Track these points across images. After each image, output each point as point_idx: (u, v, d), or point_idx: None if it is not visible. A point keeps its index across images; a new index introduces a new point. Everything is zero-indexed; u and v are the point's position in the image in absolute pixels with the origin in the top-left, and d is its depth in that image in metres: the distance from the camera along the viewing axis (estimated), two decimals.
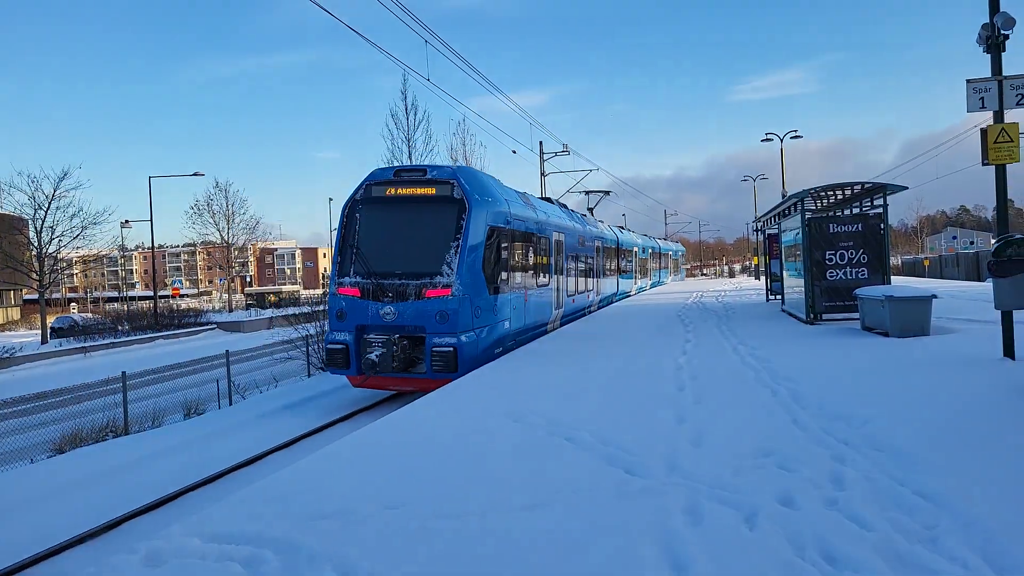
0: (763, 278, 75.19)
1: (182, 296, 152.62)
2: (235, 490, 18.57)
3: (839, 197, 36.12)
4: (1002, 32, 20.89)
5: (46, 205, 78.34)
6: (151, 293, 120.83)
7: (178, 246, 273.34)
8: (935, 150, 70.00)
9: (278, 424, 29.37)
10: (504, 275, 31.92)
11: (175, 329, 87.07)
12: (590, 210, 63.76)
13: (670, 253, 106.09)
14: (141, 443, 27.11)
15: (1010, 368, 20.11)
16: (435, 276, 28.88)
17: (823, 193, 35.30)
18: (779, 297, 44.67)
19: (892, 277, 44.99)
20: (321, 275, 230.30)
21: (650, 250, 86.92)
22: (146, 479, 22.81)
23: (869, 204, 35.57)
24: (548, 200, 45.05)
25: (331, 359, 29.84)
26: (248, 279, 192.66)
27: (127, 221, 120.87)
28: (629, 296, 67.22)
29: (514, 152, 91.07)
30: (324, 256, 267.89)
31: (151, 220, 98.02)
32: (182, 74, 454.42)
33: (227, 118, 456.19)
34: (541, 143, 76.49)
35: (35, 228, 78.79)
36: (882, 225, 32.89)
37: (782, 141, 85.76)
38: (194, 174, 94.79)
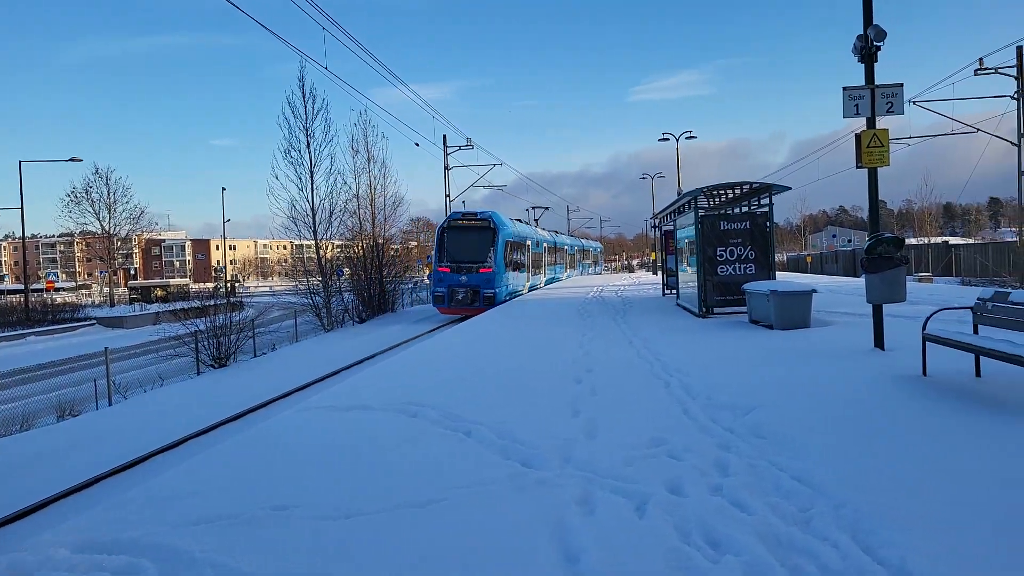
0: (660, 273, 77.81)
1: (57, 290, 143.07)
2: (113, 495, 16.46)
3: (729, 196, 36.55)
4: (874, 44, 21.49)
5: None
6: (22, 286, 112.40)
7: (53, 236, 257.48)
8: (818, 153, 72.47)
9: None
10: (510, 262, 63.91)
11: (49, 325, 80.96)
12: (535, 220, 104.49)
13: (591, 249, 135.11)
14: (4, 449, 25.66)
15: (880, 357, 20.82)
16: (484, 262, 60.10)
17: (715, 192, 35.75)
18: (675, 292, 44.85)
19: (777, 273, 48.08)
20: (214, 268, 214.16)
21: (576, 248, 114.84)
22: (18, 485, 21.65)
23: (757, 203, 35.99)
24: (521, 220, 77.18)
25: (437, 300, 60.57)
26: (132, 272, 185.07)
27: None
28: (560, 280, 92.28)
29: (417, 145, 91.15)
30: (217, 248, 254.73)
31: (21, 208, 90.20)
32: (63, 55, 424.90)
33: (113, 102, 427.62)
34: (445, 137, 76.85)
35: None
36: (768, 223, 33.40)
37: (678, 141, 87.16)
38: (71, 159, 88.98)
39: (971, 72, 54.19)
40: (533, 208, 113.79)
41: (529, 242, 73.69)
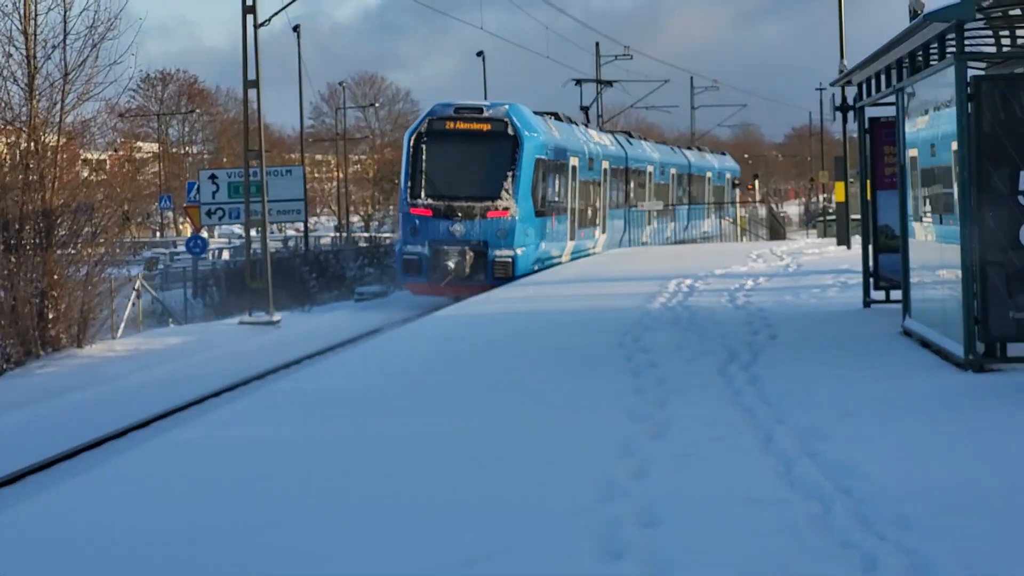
0: (857, 241, 34.45)
1: None
2: None
3: None
4: None
5: None
6: None
7: None
8: None
9: None
10: (544, 201, 41.92)
11: None
12: (585, 114, 65.90)
13: (711, 174, 77.62)
14: None
15: None
16: (497, 198, 39.18)
17: (1013, 11, 17.27)
18: (894, 296, 23.35)
19: None
20: None
21: (680, 171, 67.89)
22: None
23: None
24: (559, 116, 48.69)
25: (408, 268, 39.47)
26: None
27: None
28: (635, 243, 56.42)
29: None
30: None
31: None
32: None
33: None
34: None
35: None
36: None
37: None
38: None
39: None
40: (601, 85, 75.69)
41: (576, 160, 46.35)
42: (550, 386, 16.06)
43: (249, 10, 41.70)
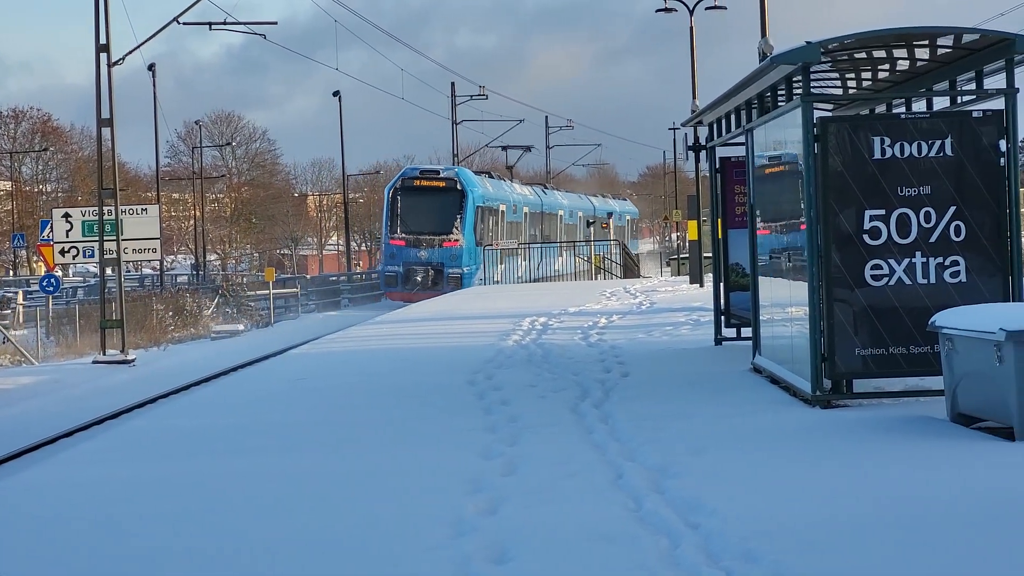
0: (709, 279, 30.72)
1: None
2: None
3: (897, 70, 18.47)
4: None
5: None
6: None
7: None
8: None
9: None
10: (483, 234, 58.51)
11: None
12: (508, 168, 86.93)
13: (615, 214, 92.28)
14: None
15: None
16: (449, 233, 55.42)
17: (859, 55, 17.60)
18: (745, 333, 23.48)
19: None
20: None
21: (585, 213, 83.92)
22: None
23: (973, 89, 17.45)
24: (491, 175, 68.15)
25: (388, 282, 56.84)
26: None
27: None
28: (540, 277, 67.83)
29: None
30: None
31: None
32: None
33: None
34: None
35: None
36: (1003, 144, 15.58)
37: None
38: None
39: None
40: (506, 148, 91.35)
41: (504, 207, 63.54)
42: (402, 425, 15.96)
43: (103, 48, 41.10)
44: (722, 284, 24.08)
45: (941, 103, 18.07)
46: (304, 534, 9.84)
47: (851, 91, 20.32)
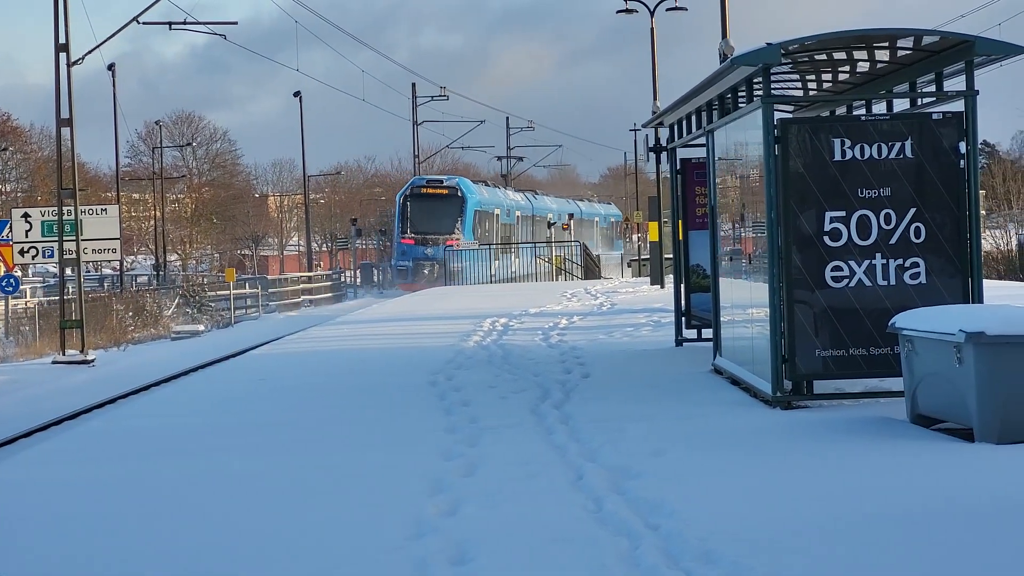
0: (670, 280, 29.70)
1: None
2: None
3: (857, 72, 18.58)
4: None
5: None
6: None
7: None
8: None
9: None
10: (481, 234, 66.54)
11: None
12: (504, 176, 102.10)
13: (599, 218, 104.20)
14: None
15: None
16: (451, 233, 63.26)
17: (819, 56, 17.69)
18: (706, 334, 23.37)
19: (985, 281, 21.30)
20: None
21: (576, 217, 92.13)
22: None
23: (933, 91, 17.36)
24: (488, 183, 79.31)
25: (400, 275, 64.21)
26: None
27: None
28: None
29: None
30: None
31: None
32: None
33: None
34: None
35: None
36: (964, 146, 15.52)
37: None
38: None
39: None
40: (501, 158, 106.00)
41: (498, 211, 72.09)
42: (362, 425, 15.93)
43: (62, 48, 40.83)
44: (683, 285, 24.12)
45: (902, 105, 18.12)
46: (262, 535, 9.81)
47: (812, 93, 20.36)
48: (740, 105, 17.92)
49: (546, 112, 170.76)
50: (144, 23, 46.93)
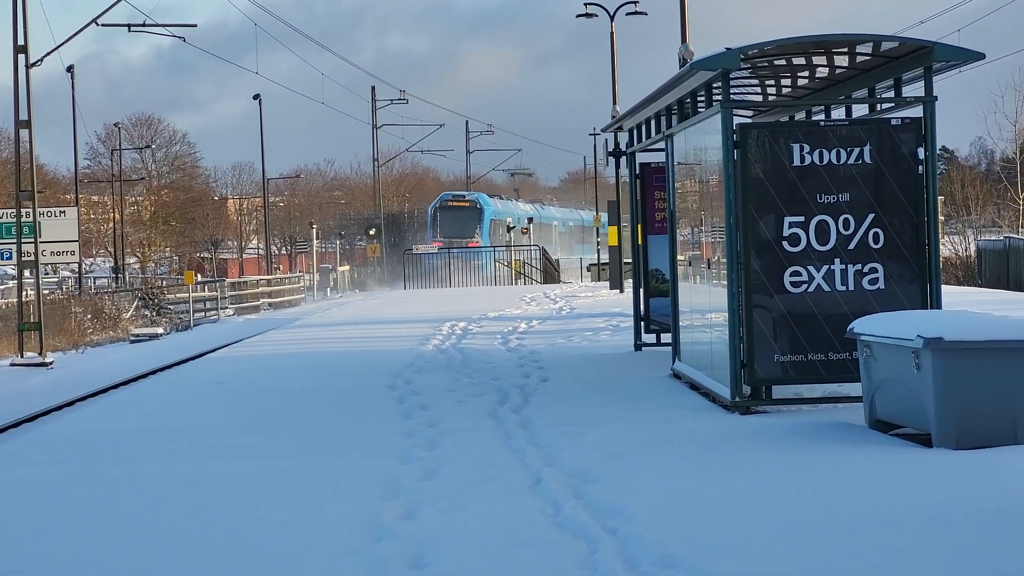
0: (630, 285, 30.27)
1: None
2: None
3: (816, 77, 18.44)
4: None
5: None
6: None
7: None
8: None
9: None
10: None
11: None
12: (515, 190, 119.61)
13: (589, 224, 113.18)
14: None
15: None
16: (472, 238, 76.36)
17: (779, 62, 17.36)
18: (665, 339, 23.14)
19: (944, 287, 21.32)
20: None
21: (570, 223, 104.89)
22: None
23: (892, 97, 17.34)
24: (501, 197, 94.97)
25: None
26: None
27: None
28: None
29: None
30: None
31: None
32: None
33: None
34: None
35: None
36: (922, 151, 15.50)
37: None
38: None
39: None
40: (514, 173, 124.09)
41: (511, 219, 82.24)
42: (320, 429, 15.79)
43: (21, 50, 40.45)
44: (642, 290, 24.03)
45: (861, 111, 18.05)
46: (217, 539, 9.68)
47: (771, 98, 20.25)
48: (700, 110, 17.79)
49: (507, 116, 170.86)
50: (103, 25, 46.54)
